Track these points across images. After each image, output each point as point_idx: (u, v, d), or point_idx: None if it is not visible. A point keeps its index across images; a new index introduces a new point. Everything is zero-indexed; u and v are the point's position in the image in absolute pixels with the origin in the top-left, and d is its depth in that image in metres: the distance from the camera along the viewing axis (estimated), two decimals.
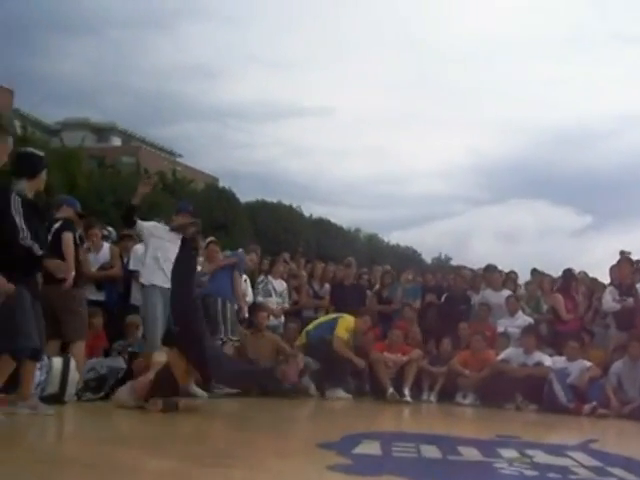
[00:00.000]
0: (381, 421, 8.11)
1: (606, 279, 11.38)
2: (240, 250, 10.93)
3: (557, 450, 5.62)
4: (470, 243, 70.27)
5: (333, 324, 10.06)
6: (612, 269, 11.20)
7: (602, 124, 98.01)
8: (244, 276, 10.44)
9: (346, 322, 10.14)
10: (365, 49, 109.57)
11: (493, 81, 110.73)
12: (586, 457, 5.29)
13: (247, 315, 10.21)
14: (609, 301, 10.54)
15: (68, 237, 7.56)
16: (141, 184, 8.64)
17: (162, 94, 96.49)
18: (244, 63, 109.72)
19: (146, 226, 8.75)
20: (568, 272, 11.77)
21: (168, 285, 8.52)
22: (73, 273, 7.41)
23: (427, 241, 73.58)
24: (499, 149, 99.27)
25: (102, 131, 58.28)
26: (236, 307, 10.00)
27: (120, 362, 8.20)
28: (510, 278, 12.32)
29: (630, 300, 10.35)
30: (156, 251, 8.58)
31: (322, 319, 10.43)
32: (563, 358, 9.91)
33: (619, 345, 10.01)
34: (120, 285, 9.48)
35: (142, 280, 8.70)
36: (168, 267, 8.58)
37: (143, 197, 8.57)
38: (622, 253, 11.63)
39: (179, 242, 8.73)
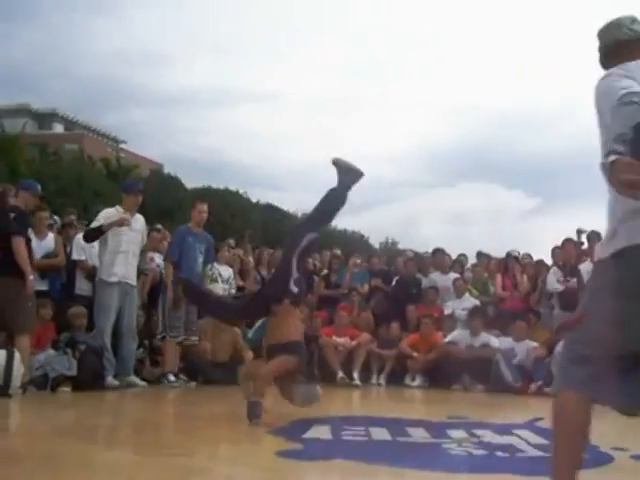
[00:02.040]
0: (331, 405, 8.13)
1: None
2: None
3: (504, 429, 5.72)
4: (419, 227, 70.92)
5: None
6: (555, 250, 11.37)
7: (548, 108, 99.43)
8: None
9: None
10: (312, 34, 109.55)
11: (438, 66, 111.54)
12: (532, 435, 5.40)
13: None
14: (553, 282, 10.71)
15: (19, 243, 7.48)
16: (120, 220, 8.58)
17: (107, 80, 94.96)
18: (190, 48, 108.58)
19: (104, 217, 8.64)
20: (509, 253, 12.00)
21: (125, 280, 8.53)
22: (32, 277, 7.44)
23: (376, 226, 73.88)
24: (446, 133, 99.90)
25: (44, 117, 57.11)
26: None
27: (66, 363, 8.03)
28: (459, 261, 12.44)
29: (574, 281, 10.52)
30: (116, 244, 8.53)
31: (258, 323, 10.28)
32: (509, 339, 10.07)
33: (562, 325, 10.16)
34: (63, 275, 9.30)
35: (101, 275, 8.63)
36: (127, 260, 8.56)
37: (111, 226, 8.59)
38: (579, 232, 11.81)
39: (139, 227, 8.74)
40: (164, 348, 9.13)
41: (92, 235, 8.67)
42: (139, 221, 8.97)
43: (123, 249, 8.59)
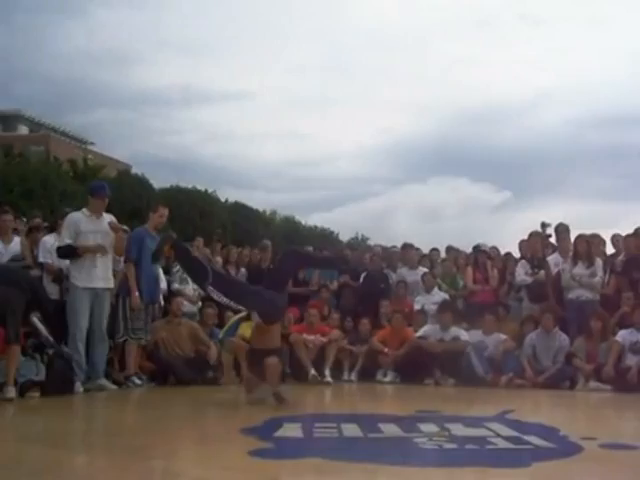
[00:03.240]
0: (302, 403, 8.13)
1: None
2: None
3: (475, 422, 5.75)
4: (391, 222, 70.91)
5: (238, 323, 9.97)
6: (522, 243, 11.47)
7: (512, 104, 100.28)
8: None
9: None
10: (279, 33, 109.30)
11: (405, 62, 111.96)
12: (503, 427, 5.43)
13: (162, 304, 10.01)
14: (521, 274, 10.80)
15: None
16: (98, 248, 8.52)
17: (73, 81, 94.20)
18: (157, 48, 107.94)
19: (70, 224, 8.53)
20: (476, 247, 12.10)
21: (94, 285, 8.42)
22: None
23: (347, 222, 73.88)
24: (415, 129, 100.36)
25: (8, 119, 56.45)
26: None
27: (34, 369, 7.93)
28: (430, 256, 12.50)
29: (541, 273, 10.61)
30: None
31: (230, 321, 10.23)
32: (479, 332, 10.12)
33: (528, 317, 10.28)
34: None
35: (71, 280, 8.54)
36: (96, 263, 8.45)
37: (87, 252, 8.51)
38: (543, 225, 11.95)
39: (107, 229, 8.61)
40: (126, 351, 9.03)
41: (66, 253, 8.56)
42: (107, 221, 8.79)
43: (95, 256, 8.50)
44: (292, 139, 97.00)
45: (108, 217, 8.83)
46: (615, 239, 11.15)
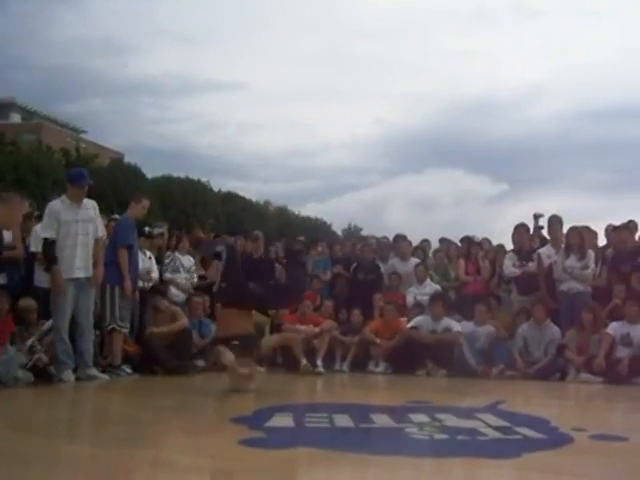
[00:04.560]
0: (294, 393, 8.13)
1: None
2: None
3: (466, 413, 5.75)
4: (386, 213, 71.07)
5: None
6: (513, 236, 11.47)
7: (507, 95, 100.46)
8: (148, 253, 10.23)
9: None
10: (276, 23, 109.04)
11: (401, 54, 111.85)
12: (494, 418, 5.43)
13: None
14: (509, 266, 10.80)
15: None
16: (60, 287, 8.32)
17: (67, 69, 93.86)
18: (154, 37, 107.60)
19: (51, 214, 8.36)
20: (466, 238, 12.10)
21: (76, 275, 8.32)
22: None
23: (342, 212, 74.00)
24: (411, 120, 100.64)
25: (0, 107, 56.19)
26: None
27: (21, 358, 7.90)
28: (421, 247, 12.49)
29: (530, 265, 10.61)
30: (64, 238, 8.31)
31: None
32: (471, 323, 10.13)
33: (522, 309, 10.29)
34: (22, 267, 9.15)
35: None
36: (77, 253, 8.36)
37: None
38: (535, 216, 11.96)
39: (89, 216, 8.49)
40: (113, 340, 8.98)
41: (47, 256, 8.42)
42: (88, 208, 8.58)
43: (71, 243, 8.32)
44: (287, 129, 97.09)
45: (89, 203, 8.67)
46: (609, 229, 11.17)
